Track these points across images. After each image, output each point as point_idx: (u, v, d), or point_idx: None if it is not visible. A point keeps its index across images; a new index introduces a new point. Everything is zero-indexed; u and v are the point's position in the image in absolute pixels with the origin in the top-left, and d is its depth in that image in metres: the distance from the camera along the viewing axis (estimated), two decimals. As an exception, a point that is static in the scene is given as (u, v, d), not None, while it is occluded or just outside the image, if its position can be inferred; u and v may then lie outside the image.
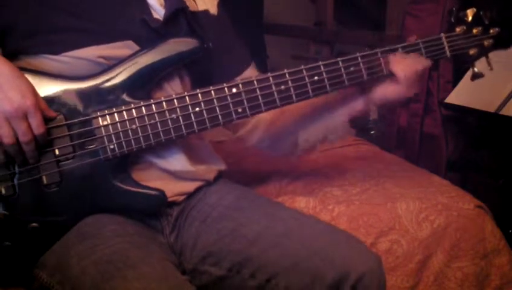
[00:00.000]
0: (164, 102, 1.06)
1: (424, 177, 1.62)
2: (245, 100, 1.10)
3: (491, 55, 1.29)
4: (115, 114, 1.04)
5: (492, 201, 1.53)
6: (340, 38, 3.32)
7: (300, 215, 1.21)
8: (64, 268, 0.99)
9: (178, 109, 1.06)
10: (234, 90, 1.09)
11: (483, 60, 1.29)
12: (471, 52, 1.27)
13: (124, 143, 1.04)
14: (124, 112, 1.04)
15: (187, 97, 1.07)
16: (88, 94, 1.04)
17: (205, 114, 1.08)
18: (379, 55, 1.18)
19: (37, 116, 0.97)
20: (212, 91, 1.08)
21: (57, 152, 1.02)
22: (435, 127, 2.27)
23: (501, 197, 1.99)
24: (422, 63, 1.18)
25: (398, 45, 1.20)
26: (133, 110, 1.04)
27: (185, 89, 1.13)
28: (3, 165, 1.00)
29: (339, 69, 1.15)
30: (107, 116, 1.04)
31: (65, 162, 1.02)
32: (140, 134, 1.05)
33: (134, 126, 1.04)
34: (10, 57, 1.02)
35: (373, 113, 2.52)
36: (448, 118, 2.24)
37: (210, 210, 1.18)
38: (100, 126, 1.03)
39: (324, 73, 1.14)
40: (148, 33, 1.09)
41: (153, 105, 1.05)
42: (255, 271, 1.08)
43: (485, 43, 1.27)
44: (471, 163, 2.20)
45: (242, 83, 1.09)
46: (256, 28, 3.29)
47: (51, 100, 1.02)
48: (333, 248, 1.07)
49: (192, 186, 1.20)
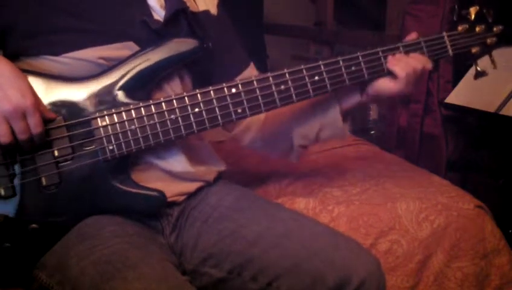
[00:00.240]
0: (163, 103, 1.05)
1: (424, 177, 1.62)
2: (245, 100, 1.09)
3: (494, 54, 1.29)
4: (114, 115, 1.03)
5: (492, 201, 1.53)
6: (340, 38, 3.32)
7: (299, 216, 1.21)
8: (63, 269, 0.99)
9: (177, 110, 1.06)
10: (234, 90, 1.08)
11: (486, 59, 1.28)
12: (473, 50, 1.26)
13: (123, 144, 1.04)
14: (123, 113, 1.04)
15: (186, 98, 1.06)
16: (87, 95, 1.04)
17: (204, 114, 1.07)
18: (380, 54, 1.17)
19: (36, 115, 0.96)
20: (211, 91, 1.07)
21: (56, 153, 1.01)
22: (435, 127, 2.27)
23: (501, 197, 1.99)
24: (422, 63, 1.17)
25: (400, 43, 1.19)
26: (132, 111, 1.04)
27: (185, 90, 1.13)
28: (2, 166, 0.99)
29: (340, 69, 1.14)
30: (106, 117, 1.03)
31: (64, 163, 1.02)
32: (139, 135, 1.04)
33: (133, 127, 1.04)
34: (11, 58, 1.02)
35: (373, 113, 2.53)
36: (448, 118, 2.24)
37: (211, 211, 1.18)
38: (99, 127, 1.03)
39: (325, 72, 1.13)
40: (148, 34, 1.09)
41: (152, 106, 1.05)
42: (256, 274, 1.08)
43: (488, 41, 1.26)
44: (471, 163, 2.20)
45: (241, 83, 1.09)
46: (256, 28, 3.29)
47: (51, 101, 1.02)
48: (333, 249, 1.07)
49: (192, 186, 1.20)
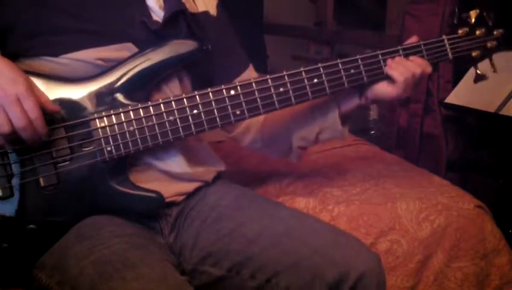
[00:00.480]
0: (162, 104, 1.05)
1: (424, 177, 1.62)
2: (243, 102, 1.09)
3: (494, 56, 1.28)
4: (113, 116, 1.04)
5: (492, 201, 1.53)
6: (340, 38, 3.32)
7: (300, 214, 1.21)
8: (63, 269, 0.99)
9: (176, 111, 1.06)
10: (232, 92, 1.08)
11: (486, 62, 1.27)
12: (474, 54, 1.25)
13: (122, 145, 1.04)
14: (122, 114, 1.04)
15: (185, 99, 1.06)
16: (86, 96, 1.04)
17: (203, 116, 1.07)
18: (380, 57, 1.17)
19: (31, 99, 0.94)
20: (210, 93, 1.07)
21: (54, 154, 1.01)
22: (435, 127, 2.27)
23: (501, 197, 1.99)
24: (422, 67, 1.16)
25: (399, 46, 1.18)
26: (131, 112, 1.04)
27: (184, 91, 1.13)
28: (0, 166, 0.99)
29: (339, 71, 1.14)
30: (105, 118, 1.03)
31: (62, 164, 1.02)
32: (137, 136, 1.04)
33: (131, 128, 1.04)
34: (9, 59, 1.02)
35: (373, 113, 2.53)
36: (448, 118, 2.24)
37: (209, 210, 1.18)
38: (98, 128, 1.03)
39: (324, 75, 1.13)
40: (147, 35, 1.09)
41: (151, 107, 1.05)
42: (255, 271, 1.08)
43: (488, 45, 1.25)
44: (471, 163, 2.19)
45: (240, 85, 1.09)
46: (256, 28, 3.29)
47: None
48: (333, 246, 1.07)
49: (191, 186, 1.20)
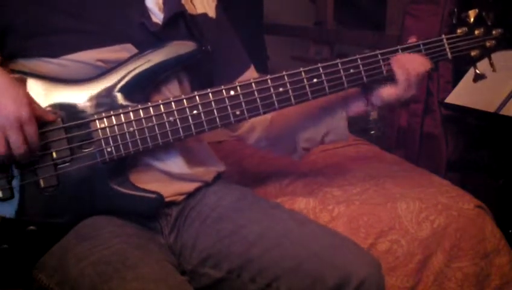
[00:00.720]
0: (162, 105, 1.05)
1: (424, 177, 1.62)
2: (243, 103, 1.09)
3: (493, 55, 1.28)
4: (113, 117, 1.04)
5: (492, 201, 1.53)
6: (340, 38, 3.32)
7: (299, 216, 1.21)
8: (63, 269, 1.00)
9: (175, 112, 1.06)
10: (232, 92, 1.08)
11: (485, 62, 1.27)
12: (473, 53, 1.25)
13: (122, 146, 1.04)
14: (122, 115, 1.04)
15: (185, 100, 1.06)
16: (86, 97, 1.04)
17: (203, 117, 1.07)
18: (379, 57, 1.17)
19: (32, 125, 0.95)
20: (209, 94, 1.07)
21: (54, 155, 1.02)
22: (435, 127, 2.27)
23: (501, 197, 1.98)
24: (424, 66, 1.16)
25: (398, 46, 1.18)
26: (131, 113, 1.04)
27: (184, 93, 1.12)
28: (0, 168, 0.99)
29: (338, 71, 1.14)
30: (105, 119, 1.03)
31: (62, 165, 1.02)
32: (137, 137, 1.04)
33: (131, 129, 1.04)
34: (8, 60, 1.02)
35: (373, 113, 2.53)
36: (448, 118, 2.23)
37: (209, 211, 1.18)
38: (97, 129, 1.03)
39: (323, 75, 1.13)
40: (147, 37, 1.09)
41: (151, 108, 1.05)
42: (256, 275, 1.08)
43: (488, 44, 1.25)
44: (471, 163, 2.19)
45: (240, 86, 1.09)
46: (256, 28, 3.29)
47: (50, 103, 1.02)
48: (332, 250, 1.07)
49: (191, 186, 1.20)
